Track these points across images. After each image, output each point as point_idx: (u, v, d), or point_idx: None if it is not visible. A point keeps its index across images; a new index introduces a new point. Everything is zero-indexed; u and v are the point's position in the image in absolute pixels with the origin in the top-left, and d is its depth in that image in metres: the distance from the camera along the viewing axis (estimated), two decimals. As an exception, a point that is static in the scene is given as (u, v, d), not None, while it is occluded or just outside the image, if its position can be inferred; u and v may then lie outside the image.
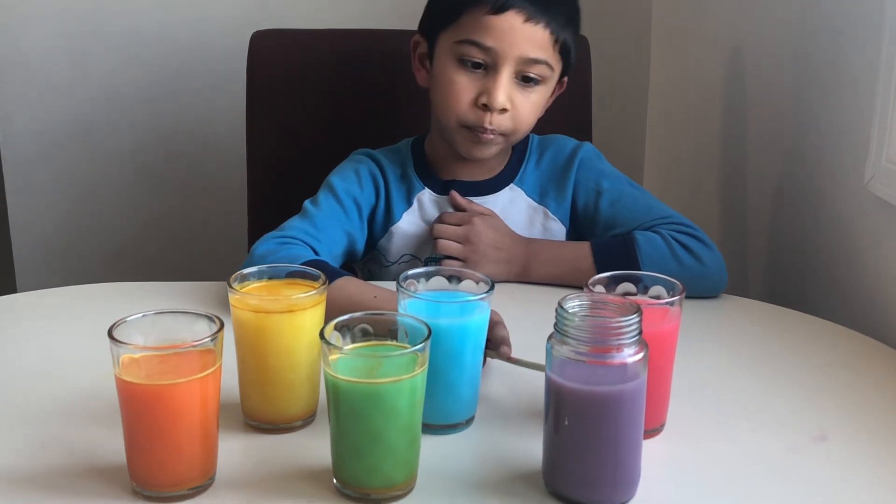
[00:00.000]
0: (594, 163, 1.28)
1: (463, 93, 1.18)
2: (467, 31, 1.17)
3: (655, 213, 1.19)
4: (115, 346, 0.73)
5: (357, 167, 1.27)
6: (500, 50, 1.16)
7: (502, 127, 1.19)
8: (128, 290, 1.18)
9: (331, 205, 1.23)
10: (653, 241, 1.15)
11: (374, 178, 1.27)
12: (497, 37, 1.15)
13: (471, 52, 1.17)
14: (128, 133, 1.82)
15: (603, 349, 0.73)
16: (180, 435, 0.74)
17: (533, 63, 1.17)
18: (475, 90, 1.18)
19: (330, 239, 1.19)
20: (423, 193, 1.27)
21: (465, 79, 1.18)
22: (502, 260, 1.19)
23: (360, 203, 1.25)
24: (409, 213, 1.27)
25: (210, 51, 1.78)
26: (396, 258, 1.27)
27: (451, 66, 1.19)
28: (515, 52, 1.16)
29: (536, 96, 1.20)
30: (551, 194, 1.27)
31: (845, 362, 1.02)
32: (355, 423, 0.74)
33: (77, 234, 1.86)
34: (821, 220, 1.27)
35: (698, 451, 0.85)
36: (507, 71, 1.16)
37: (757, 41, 1.47)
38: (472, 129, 1.19)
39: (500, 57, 1.16)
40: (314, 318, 0.85)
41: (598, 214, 1.23)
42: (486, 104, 1.17)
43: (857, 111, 1.15)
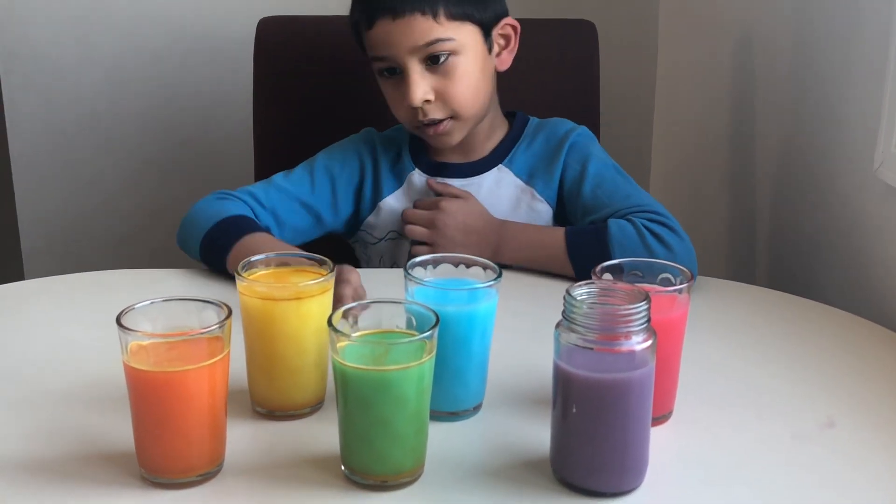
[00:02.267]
0: (584, 146, 1.28)
1: (394, 101, 1.24)
2: (369, 49, 1.23)
3: (632, 201, 1.19)
4: (123, 334, 0.73)
5: (347, 145, 1.33)
6: (392, 54, 1.20)
7: (440, 113, 1.21)
8: (135, 276, 1.18)
9: (300, 176, 1.28)
10: (624, 230, 1.14)
11: (360, 156, 1.31)
12: (383, 44, 1.20)
13: (378, 64, 1.23)
14: (135, 120, 1.82)
15: (611, 337, 0.73)
16: (189, 422, 0.74)
17: (428, 46, 1.19)
18: (401, 95, 1.21)
19: (283, 208, 1.24)
20: (413, 174, 1.30)
21: (389, 88, 1.24)
22: (472, 243, 1.20)
23: (335, 178, 1.29)
24: (399, 192, 1.29)
25: (217, 37, 1.77)
26: (383, 234, 1.30)
27: (380, 81, 1.25)
28: (404, 48, 1.19)
29: (460, 70, 1.20)
30: (540, 175, 1.27)
31: (853, 349, 1.02)
32: (363, 411, 0.74)
33: (84, 221, 1.87)
34: (829, 207, 1.27)
35: (706, 439, 0.85)
36: (411, 67, 1.19)
37: (765, 26, 1.46)
38: (421, 129, 1.23)
39: (397, 59, 1.20)
40: (322, 305, 0.85)
41: (580, 198, 1.23)
42: (408, 105, 1.20)
43: (867, 98, 1.14)
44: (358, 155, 1.31)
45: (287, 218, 1.25)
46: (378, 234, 1.30)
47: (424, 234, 1.22)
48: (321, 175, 1.28)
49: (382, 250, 1.30)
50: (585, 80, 1.47)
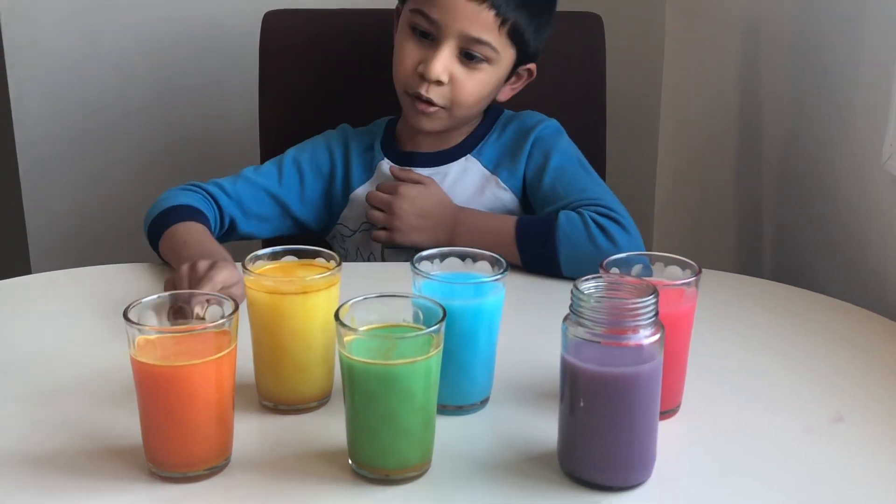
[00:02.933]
0: (550, 139, 1.28)
1: (407, 58, 1.22)
2: (419, 1, 1.21)
3: (587, 195, 1.19)
4: (130, 328, 0.73)
5: (318, 139, 1.34)
6: (443, 23, 1.19)
7: (440, 99, 1.21)
8: (142, 270, 1.18)
9: (268, 169, 1.30)
10: (572, 222, 1.15)
11: (329, 149, 1.32)
12: (441, 10, 1.19)
13: (418, 20, 1.21)
14: (140, 113, 1.82)
15: (619, 331, 0.73)
16: (196, 416, 0.74)
17: (474, 42, 1.19)
18: (418, 58, 1.21)
19: (250, 198, 1.26)
20: (382, 163, 1.31)
21: (411, 45, 1.22)
22: (427, 227, 1.21)
23: (303, 170, 1.30)
24: (369, 182, 1.31)
25: (222, 31, 1.77)
26: (357, 226, 1.30)
27: (404, 33, 1.24)
28: (456, 27, 1.18)
29: (481, 76, 1.22)
30: (505, 164, 1.28)
31: (861, 343, 1.02)
32: (370, 405, 0.74)
33: (90, 215, 1.87)
34: (838, 200, 1.26)
35: (714, 433, 0.85)
36: (448, 45, 1.19)
37: (772, 19, 1.45)
38: (413, 99, 1.23)
39: (443, 30, 1.19)
40: (329, 300, 0.85)
41: (540, 189, 1.24)
42: (422, 73, 1.20)
43: (874, 91, 1.14)
44: (327, 147, 1.33)
45: (252, 207, 1.27)
46: (353, 225, 1.31)
47: (382, 218, 1.23)
48: (289, 166, 1.30)
49: (358, 242, 1.31)
50: (591, 73, 1.47)
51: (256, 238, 1.32)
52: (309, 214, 1.32)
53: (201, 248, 1.10)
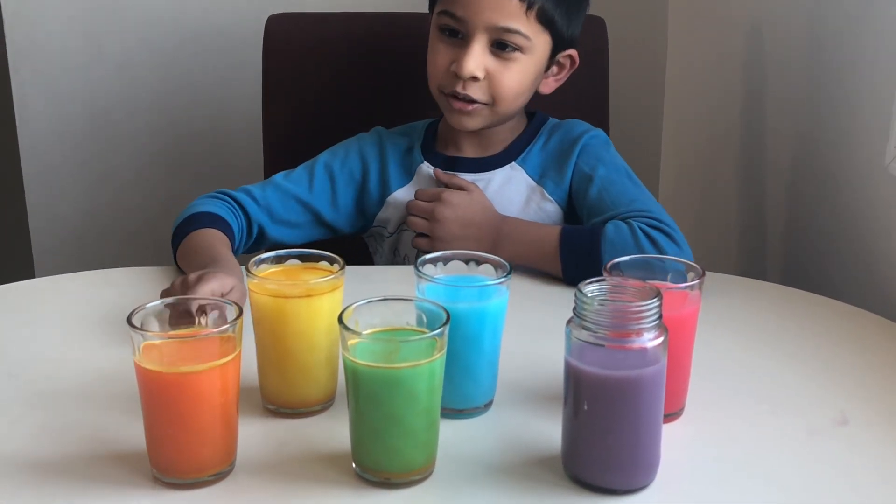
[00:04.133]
0: (597, 149, 1.27)
1: (439, 60, 1.22)
2: (444, 2, 1.21)
3: (636, 206, 1.17)
4: (134, 334, 0.73)
5: (351, 142, 1.33)
6: (469, 19, 1.18)
7: (479, 94, 1.20)
8: (145, 274, 1.18)
9: (299, 175, 1.29)
10: (620, 231, 1.13)
11: (362, 153, 1.31)
12: (465, 6, 1.18)
13: (445, 20, 1.21)
14: (144, 116, 1.82)
15: (622, 333, 0.73)
16: (201, 421, 0.74)
17: (504, 32, 1.18)
18: (450, 57, 1.21)
19: (279, 205, 1.25)
20: (422, 167, 1.29)
21: (442, 46, 1.22)
22: (470, 237, 1.19)
23: (335, 175, 1.29)
24: (408, 185, 1.29)
25: (226, 34, 1.77)
26: (395, 228, 1.29)
27: (434, 36, 1.24)
28: (483, 20, 1.18)
29: (518, 67, 1.20)
30: (550, 175, 1.27)
31: (865, 345, 1.02)
32: (374, 408, 0.74)
33: (94, 218, 1.87)
34: (840, 202, 1.26)
35: (718, 435, 0.85)
36: (478, 40, 1.18)
37: (775, 21, 1.45)
38: (450, 99, 1.22)
39: (470, 26, 1.18)
40: (332, 303, 0.85)
41: (586, 200, 1.22)
42: (456, 72, 1.19)
43: (879, 93, 1.14)
44: (360, 152, 1.31)
45: (282, 214, 1.26)
46: (391, 227, 1.30)
47: (424, 226, 1.22)
48: (321, 173, 1.29)
49: (395, 243, 1.30)
50: (595, 75, 1.47)
51: (289, 245, 1.28)
52: (341, 220, 1.30)
53: (209, 255, 1.09)
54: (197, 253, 1.11)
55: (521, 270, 1.15)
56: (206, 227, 1.16)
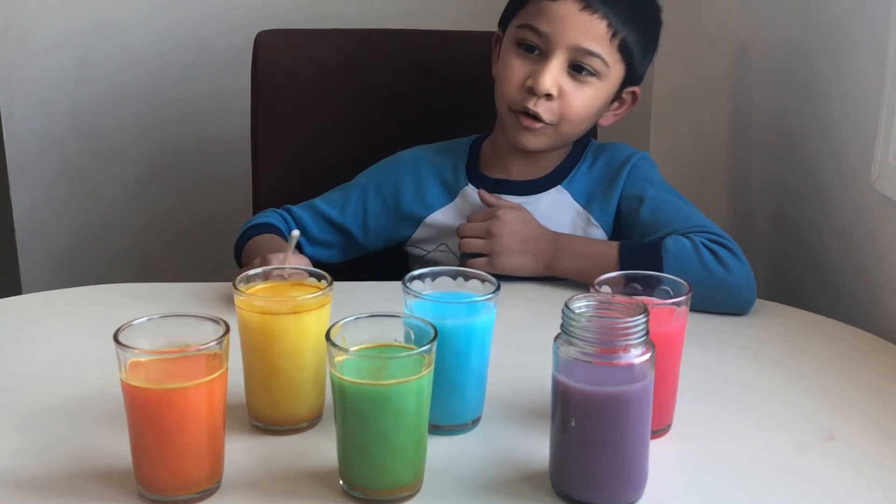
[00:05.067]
0: (644, 171, 1.26)
1: (514, 74, 1.20)
2: (527, 16, 1.20)
3: (692, 222, 1.17)
4: (120, 351, 0.73)
5: (387, 165, 1.33)
6: (553, 35, 1.17)
7: (548, 114, 1.19)
8: (132, 291, 1.18)
9: (334, 197, 1.31)
10: (681, 245, 1.12)
11: (396, 178, 1.30)
12: (551, 22, 1.17)
13: (527, 35, 1.19)
14: (133, 132, 1.82)
15: (610, 350, 0.73)
16: (187, 439, 0.74)
17: (586, 54, 1.17)
18: (526, 73, 1.19)
19: (312, 224, 1.29)
20: (466, 189, 1.28)
21: (518, 61, 1.20)
22: (529, 251, 1.18)
23: (367, 200, 1.30)
24: (448, 206, 1.29)
25: (215, 51, 1.77)
26: (434, 247, 1.29)
27: (510, 50, 1.22)
28: (568, 39, 1.17)
29: (591, 91, 1.20)
30: (598, 199, 1.26)
31: (852, 361, 1.02)
32: (362, 425, 0.74)
33: (82, 233, 1.86)
34: (827, 219, 1.27)
35: (706, 451, 0.85)
36: (558, 58, 1.17)
37: (762, 39, 1.46)
38: (518, 115, 1.20)
39: (553, 42, 1.17)
40: (320, 319, 0.85)
41: (639, 220, 1.21)
42: (531, 87, 1.18)
43: (863, 108, 1.15)
44: (394, 176, 1.30)
45: (316, 233, 1.29)
46: (428, 247, 1.29)
47: (481, 245, 1.19)
48: (355, 196, 1.30)
49: (431, 262, 1.28)
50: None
51: (328, 262, 1.29)
52: (372, 242, 1.30)
53: (268, 248, 1.16)
54: (258, 250, 1.18)
55: (509, 285, 1.14)
56: (262, 234, 1.24)
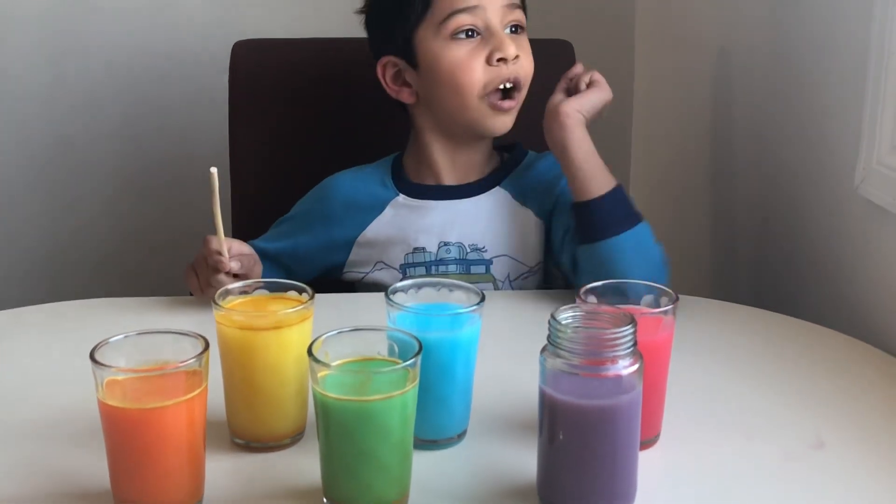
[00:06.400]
0: None
1: (472, 60, 1.18)
2: (445, 7, 1.18)
3: None
4: (97, 370, 0.71)
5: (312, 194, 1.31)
6: (485, 4, 1.18)
7: (521, 75, 1.20)
8: (109, 306, 1.16)
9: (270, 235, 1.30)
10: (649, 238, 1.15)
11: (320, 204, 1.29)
12: None
13: (460, 20, 1.18)
14: (109, 144, 1.80)
15: (597, 361, 0.72)
16: (167, 459, 0.72)
17: (514, 8, 1.20)
18: (482, 54, 1.18)
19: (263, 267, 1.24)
20: (396, 199, 1.27)
21: (466, 49, 1.18)
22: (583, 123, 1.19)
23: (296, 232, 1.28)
24: (381, 219, 1.27)
25: (192, 61, 1.76)
26: (370, 269, 1.27)
27: (447, 47, 1.19)
28: (497, 2, 1.18)
29: (528, 46, 1.22)
30: (535, 197, 1.26)
31: (838, 367, 1.02)
32: (345, 441, 0.73)
33: (58, 247, 1.84)
34: (811, 224, 1.27)
35: (695, 461, 0.84)
36: (499, 24, 1.19)
37: (743, 43, 1.46)
38: (493, 102, 1.19)
39: (488, 11, 1.18)
40: (302, 334, 0.83)
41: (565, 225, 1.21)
42: (501, 58, 1.18)
43: (847, 113, 1.14)
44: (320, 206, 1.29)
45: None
46: (364, 269, 1.28)
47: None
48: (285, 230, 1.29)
49: (370, 283, 1.27)
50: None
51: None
52: (307, 272, 1.27)
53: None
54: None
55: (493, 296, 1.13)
56: None
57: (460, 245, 1.24)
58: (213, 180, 0.92)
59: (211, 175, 0.92)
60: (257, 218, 1.40)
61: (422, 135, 1.27)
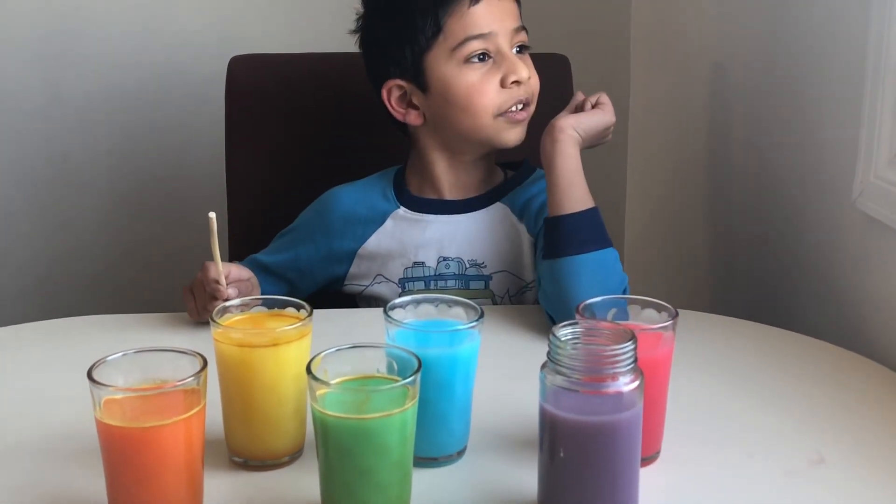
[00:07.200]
0: None
1: (487, 85, 1.20)
2: (459, 33, 1.20)
3: None
4: (95, 389, 0.71)
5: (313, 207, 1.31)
6: (497, 30, 1.20)
7: (533, 92, 1.23)
8: (106, 323, 1.16)
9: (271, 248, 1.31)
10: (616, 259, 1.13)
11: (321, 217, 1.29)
12: (488, 20, 1.20)
13: (473, 47, 1.20)
14: (105, 160, 1.80)
15: (597, 378, 0.72)
16: (165, 478, 0.72)
17: (521, 31, 1.23)
18: (496, 77, 1.20)
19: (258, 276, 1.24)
20: (397, 212, 1.27)
21: (479, 72, 1.20)
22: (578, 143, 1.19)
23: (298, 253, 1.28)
24: (381, 231, 1.27)
25: (188, 76, 1.76)
26: (370, 281, 1.27)
27: (461, 72, 1.20)
28: (507, 25, 1.21)
29: (531, 62, 1.25)
30: (528, 215, 1.26)
31: (836, 381, 1.01)
32: (345, 460, 0.72)
33: (54, 263, 1.84)
34: (809, 238, 1.27)
35: (696, 478, 0.83)
36: (510, 47, 1.21)
37: (739, 57, 1.46)
38: (507, 115, 1.21)
39: (499, 36, 1.20)
40: (300, 351, 0.83)
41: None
42: (516, 81, 1.20)
43: (844, 128, 1.14)
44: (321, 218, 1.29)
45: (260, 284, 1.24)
46: (364, 281, 1.28)
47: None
48: (287, 242, 1.30)
49: (370, 297, 1.27)
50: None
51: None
52: (308, 285, 1.29)
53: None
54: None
55: (492, 313, 1.13)
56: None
57: (459, 260, 1.24)
58: (212, 225, 0.92)
59: (210, 220, 0.92)
60: (254, 233, 1.40)
61: (426, 153, 1.27)
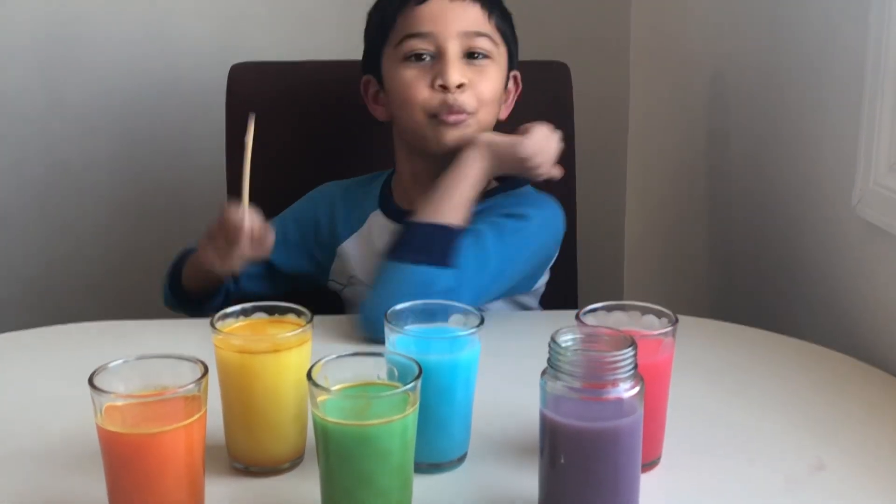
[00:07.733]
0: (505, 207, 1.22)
1: (418, 82, 1.19)
2: (402, 30, 1.20)
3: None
4: (96, 395, 0.71)
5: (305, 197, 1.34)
6: (438, 31, 1.18)
7: (469, 104, 1.19)
8: (106, 329, 1.16)
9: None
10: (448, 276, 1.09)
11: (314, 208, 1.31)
12: (430, 20, 1.19)
13: (412, 45, 1.19)
14: (105, 167, 1.80)
15: (598, 384, 0.72)
16: (166, 484, 0.72)
17: (475, 36, 1.19)
18: (429, 77, 1.19)
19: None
20: (374, 215, 1.28)
21: (415, 71, 1.20)
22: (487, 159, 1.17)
23: (287, 231, 1.29)
24: (358, 234, 1.28)
25: (189, 84, 1.76)
26: (345, 281, 1.28)
27: (400, 68, 1.21)
28: (453, 28, 1.18)
29: (490, 73, 1.21)
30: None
31: (837, 387, 1.01)
32: (345, 466, 0.72)
33: (54, 270, 1.84)
34: (810, 245, 1.27)
35: (696, 485, 0.83)
36: (452, 50, 1.18)
37: (739, 64, 1.46)
38: (439, 116, 1.19)
39: (441, 38, 1.18)
40: (300, 357, 0.83)
41: None
42: (442, 85, 1.18)
43: (843, 134, 1.15)
44: (312, 207, 1.32)
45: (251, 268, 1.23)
46: (342, 280, 1.29)
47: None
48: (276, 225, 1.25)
49: (349, 296, 1.28)
50: (560, 120, 1.46)
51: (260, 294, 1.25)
52: (294, 264, 1.29)
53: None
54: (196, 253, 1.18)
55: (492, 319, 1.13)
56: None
57: None
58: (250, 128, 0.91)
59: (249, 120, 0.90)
60: (255, 240, 1.39)
61: (397, 157, 1.29)
